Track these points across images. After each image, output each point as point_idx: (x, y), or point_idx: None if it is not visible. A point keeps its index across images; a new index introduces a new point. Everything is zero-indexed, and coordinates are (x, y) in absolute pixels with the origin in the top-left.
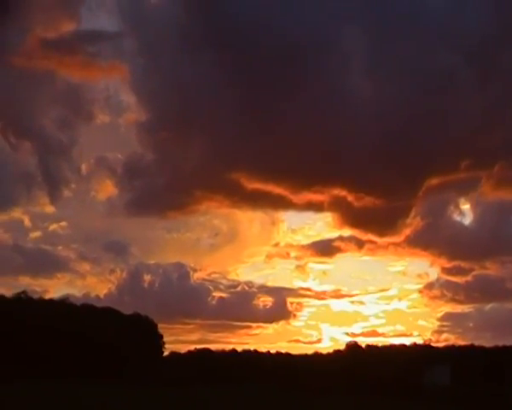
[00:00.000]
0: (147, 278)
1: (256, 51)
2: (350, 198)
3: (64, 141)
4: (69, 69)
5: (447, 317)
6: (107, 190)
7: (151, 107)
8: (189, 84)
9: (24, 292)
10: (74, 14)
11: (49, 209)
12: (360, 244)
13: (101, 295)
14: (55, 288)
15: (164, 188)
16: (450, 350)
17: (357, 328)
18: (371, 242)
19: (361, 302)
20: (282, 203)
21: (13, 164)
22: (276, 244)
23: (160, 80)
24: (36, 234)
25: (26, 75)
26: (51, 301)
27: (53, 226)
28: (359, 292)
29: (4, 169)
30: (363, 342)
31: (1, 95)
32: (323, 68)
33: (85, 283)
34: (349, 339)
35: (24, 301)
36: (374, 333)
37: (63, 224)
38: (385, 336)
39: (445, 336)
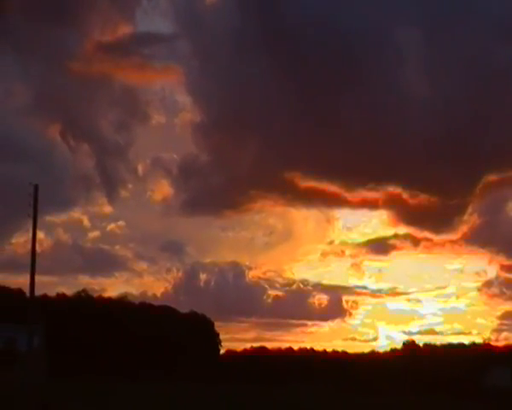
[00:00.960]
0: (203, 276)
1: (310, 51)
2: (405, 196)
3: (121, 142)
4: (125, 72)
5: (507, 315)
6: (163, 190)
7: (206, 108)
8: (244, 85)
9: (84, 291)
10: (130, 18)
11: (107, 209)
12: (416, 242)
13: (158, 294)
14: (113, 286)
15: (219, 187)
16: (511, 350)
17: (413, 327)
18: (427, 239)
19: (418, 301)
20: (336, 201)
21: (72, 166)
22: (331, 242)
23: (215, 81)
24: (94, 234)
25: (83, 79)
26: (110, 299)
27: (111, 226)
28: (416, 290)
29: (64, 171)
30: (421, 340)
31: (59, 98)
32: (378, 66)
33: (142, 281)
34: (406, 338)
35: (84, 299)
36: (431, 332)
37: (121, 223)
38: (443, 335)
39: (504, 334)
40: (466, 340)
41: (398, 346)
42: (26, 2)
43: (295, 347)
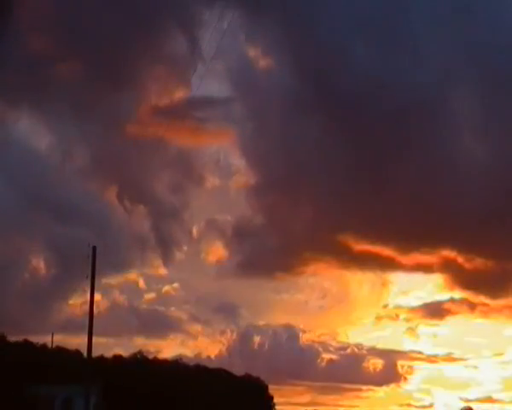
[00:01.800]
0: (257, 339)
1: (364, 114)
2: (460, 259)
3: (176, 204)
4: (180, 135)
5: None
6: (217, 252)
7: (260, 170)
8: (298, 148)
9: (139, 352)
10: (185, 82)
11: (162, 271)
12: (472, 307)
13: (213, 356)
14: (168, 348)
15: (272, 249)
16: None
17: (471, 393)
18: (484, 304)
19: (475, 367)
20: (390, 264)
21: (128, 228)
22: (386, 306)
23: (269, 144)
24: (150, 295)
25: (139, 142)
26: (165, 361)
27: (166, 288)
28: (473, 356)
29: (120, 233)
30: (479, 408)
31: (116, 161)
32: (432, 129)
33: (197, 343)
34: (463, 405)
35: (140, 361)
36: (489, 399)
37: (175, 285)
38: (502, 403)
39: None
40: None
41: None
42: (84, 67)
43: None
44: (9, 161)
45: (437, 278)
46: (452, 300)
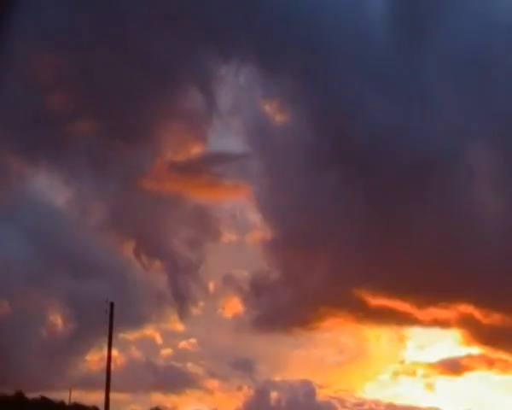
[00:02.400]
0: (273, 394)
1: (380, 168)
2: (478, 314)
3: (192, 259)
4: (196, 190)
5: None
6: (234, 307)
7: (276, 225)
8: (314, 202)
9: (157, 408)
10: (202, 138)
11: (179, 327)
12: (490, 363)
13: None
14: (184, 404)
15: (289, 304)
16: None
17: None
18: (502, 360)
19: None
20: (407, 320)
21: (144, 283)
22: (403, 362)
23: (286, 199)
24: (167, 351)
25: (156, 197)
26: None
27: (183, 343)
28: None
29: (137, 288)
30: None
31: (133, 216)
32: (450, 183)
33: (214, 399)
34: None
35: None
36: None
37: (192, 341)
38: None
39: None
40: None
41: None
42: (101, 123)
43: None
44: (27, 216)
45: (454, 334)
46: (470, 356)
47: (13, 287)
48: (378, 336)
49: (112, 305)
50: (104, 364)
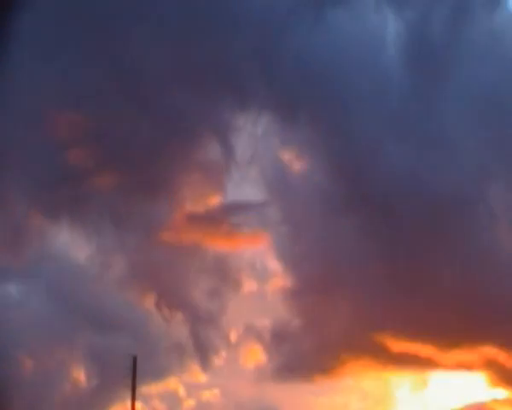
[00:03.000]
0: None
1: (399, 212)
2: (501, 357)
3: (213, 310)
4: (215, 240)
5: None
6: (255, 356)
7: (296, 272)
8: (334, 249)
9: None
10: (220, 188)
11: (201, 378)
12: None
13: None
14: None
15: (310, 352)
16: None
17: None
18: None
19: None
20: (430, 364)
21: (166, 335)
22: (426, 407)
23: (305, 246)
24: (190, 403)
25: (175, 249)
26: None
27: (205, 395)
28: None
29: (159, 341)
30: None
31: (153, 269)
32: (470, 224)
33: None
34: None
35: None
36: None
37: (215, 391)
38: None
39: None
40: None
41: None
42: (120, 177)
43: None
44: (49, 273)
45: (478, 377)
46: (495, 400)
47: (35, 344)
48: (401, 382)
49: (135, 360)
50: None
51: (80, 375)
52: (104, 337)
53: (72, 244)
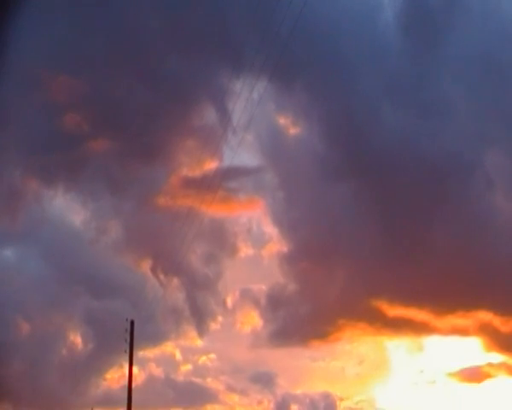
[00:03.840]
0: (294, 407)
1: (396, 178)
2: (496, 321)
3: (209, 275)
4: (211, 205)
5: None
6: (252, 321)
7: (292, 238)
8: (329, 214)
9: None
10: (216, 153)
11: (198, 343)
12: (511, 370)
13: None
14: None
15: (307, 317)
16: None
17: None
18: None
19: None
20: (425, 329)
21: (162, 300)
22: (422, 371)
23: (301, 211)
24: (186, 367)
25: (171, 214)
26: None
27: (202, 359)
28: None
29: (155, 306)
30: None
31: (149, 234)
32: (466, 191)
33: None
34: None
35: None
36: None
37: (212, 356)
38: None
39: None
40: None
41: None
42: (115, 142)
43: None
44: (45, 238)
45: (473, 342)
46: (490, 364)
47: (32, 308)
48: (396, 347)
49: (132, 323)
50: (124, 382)
51: (77, 339)
52: (100, 302)
53: (68, 209)
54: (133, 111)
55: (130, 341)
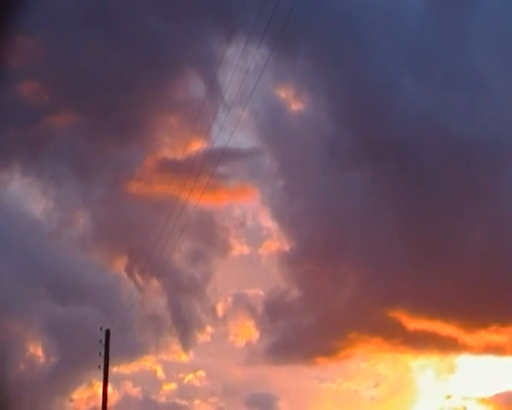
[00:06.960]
0: None
1: (416, 164)
2: None
3: (196, 277)
4: (197, 194)
5: None
6: (246, 333)
7: (294, 234)
8: (338, 206)
9: None
10: (203, 132)
11: (183, 358)
12: None
13: None
14: None
15: (312, 329)
16: None
17: None
18: None
19: None
20: (453, 346)
21: (139, 306)
22: (450, 396)
23: (304, 203)
24: (169, 386)
25: (150, 204)
26: None
27: (188, 377)
28: None
29: (131, 313)
30: None
31: (124, 227)
32: (498, 180)
33: None
34: None
35: None
36: None
37: (199, 374)
38: None
39: None
40: None
41: None
42: (84, 117)
43: None
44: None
45: (508, 362)
46: None
47: None
48: (419, 366)
49: (108, 333)
50: (95, 403)
51: (38, 351)
52: (65, 307)
53: (25, 196)
54: (104, 80)
55: (105, 354)
